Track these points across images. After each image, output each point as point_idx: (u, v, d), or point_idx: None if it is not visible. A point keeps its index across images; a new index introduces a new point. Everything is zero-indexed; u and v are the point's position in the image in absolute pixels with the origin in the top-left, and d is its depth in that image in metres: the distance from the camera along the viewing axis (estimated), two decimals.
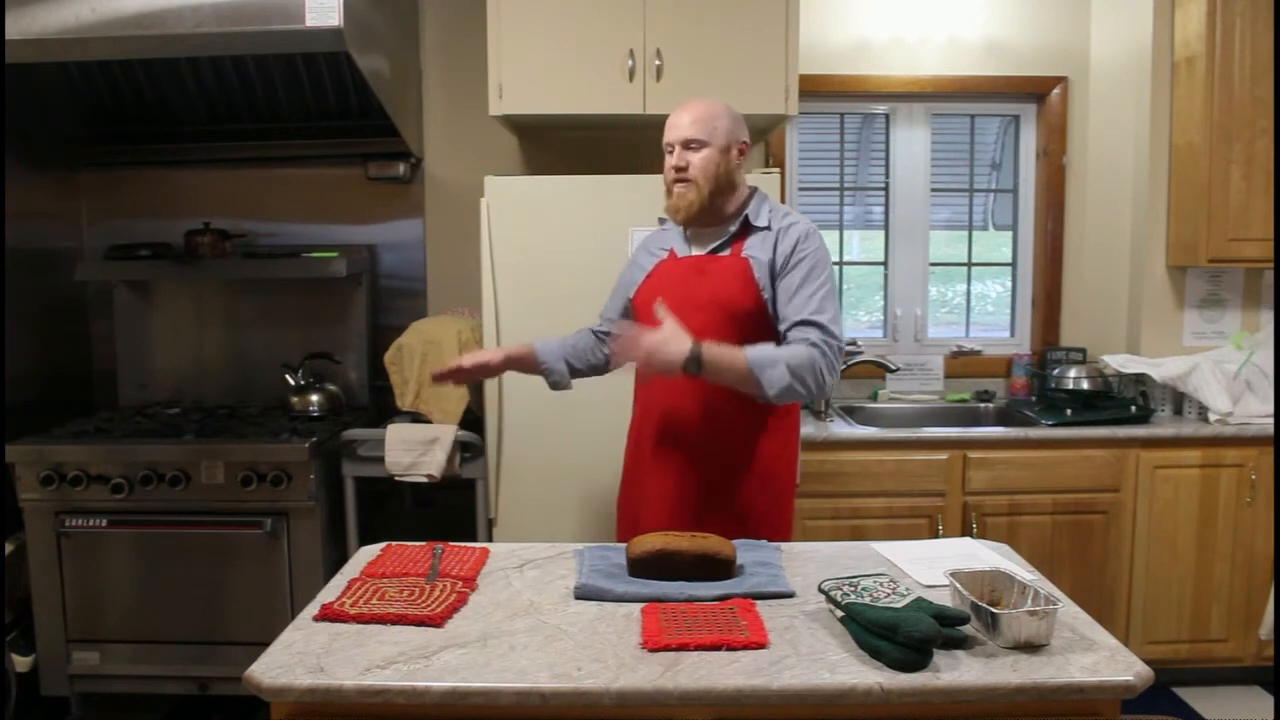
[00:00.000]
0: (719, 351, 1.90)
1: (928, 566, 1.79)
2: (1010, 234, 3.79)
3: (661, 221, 2.28)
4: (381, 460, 2.95)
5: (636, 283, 2.20)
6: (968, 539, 2.03)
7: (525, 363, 2.25)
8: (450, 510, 3.27)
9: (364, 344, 3.49)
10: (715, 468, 2.11)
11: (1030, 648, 1.44)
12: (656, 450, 2.13)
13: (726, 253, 2.12)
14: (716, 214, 2.12)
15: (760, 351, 1.94)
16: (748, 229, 2.13)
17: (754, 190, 2.18)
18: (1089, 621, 1.56)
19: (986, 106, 3.71)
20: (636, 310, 2.20)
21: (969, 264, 3.82)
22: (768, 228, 2.11)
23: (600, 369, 2.30)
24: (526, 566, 1.83)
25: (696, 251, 2.15)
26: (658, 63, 2.94)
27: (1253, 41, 3.06)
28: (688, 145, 2.09)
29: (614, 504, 2.34)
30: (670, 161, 2.11)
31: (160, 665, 2.96)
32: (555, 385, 2.28)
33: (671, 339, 1.87)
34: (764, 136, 3.53)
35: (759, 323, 2.05)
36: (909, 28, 3.55)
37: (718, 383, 1.95)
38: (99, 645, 2.95)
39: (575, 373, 2.28)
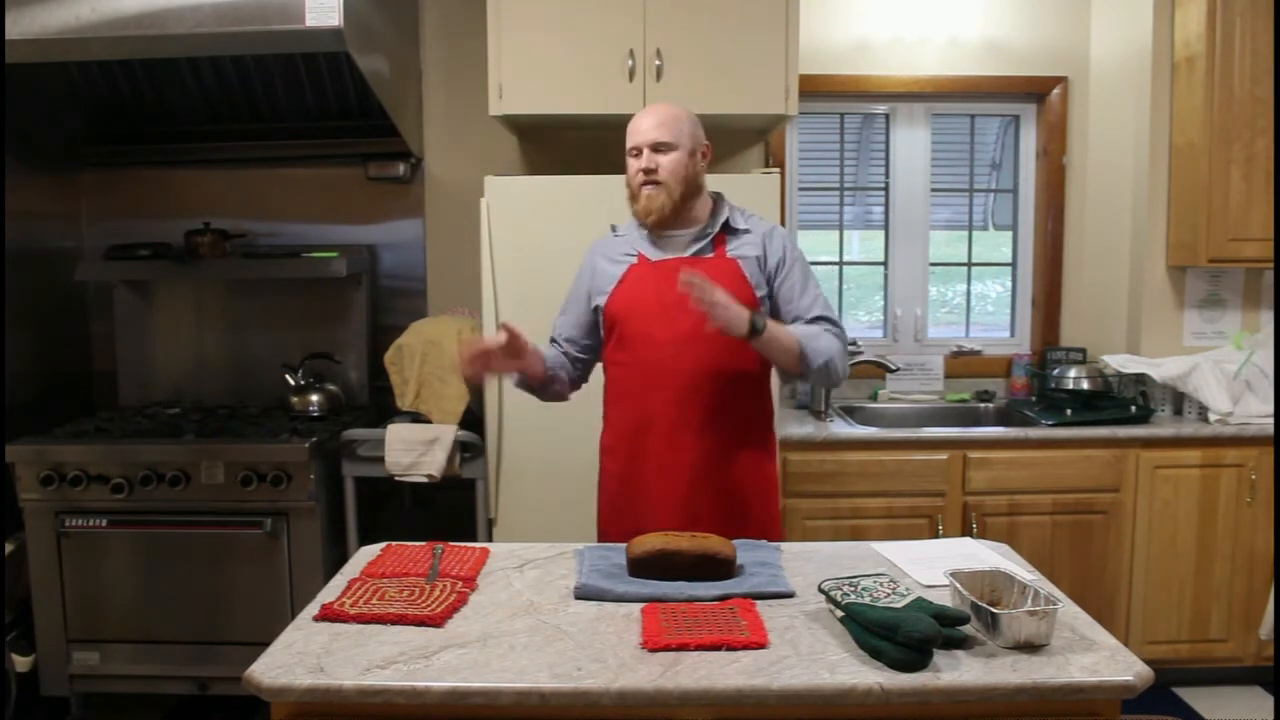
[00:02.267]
0: (773, 323, 1.99)
1: (928, 566, 1.79)
2: (1010, 234, 3.79)
3: (614, 229, 2.26)
4: (381, 460, 2.95)
5: (607, 291, 2.15)
6: (968, 539, 2.04)
7: (527, 357, 2.08)
8: (450, 510, 3.27)
9: (364, 344, 3.49)
10: (718, 469, 2.12)
11: (1030, 648, 1.44)
12: (663, 456, 2.11)
13: (710, 254, 2.13)
14: (685, 217, 2.14)
15: (805, 329, 2.06)
16: (725, 231, 2.15)
17: (718, 195, 2.22)
18: (1089, 621, 1.56)
19: (986, 106, 3.71)
20: (614, 317, 2.14)
21: (969, 264, 3.82)
22: (747, 230, 2.17)
23: (564, 391, 2.24)
24: (526, 566, 1.83)
25: (670, 254, 2.14)
26: (658, 63, 2.94)
27: (1253, 41, 3.06)
28: (656, 148, 2.09)
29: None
30: (638, 164, 2.10)
31: (160, 665, 2.96)
32: (550, 393, 2.22)
33: (733, 303, 1.92)
34: (764, 136, 3.53)
35: None
36: (909, 28, 3.55)
37: (766, 351, 2.01)
38: (99, 645, 2.95)
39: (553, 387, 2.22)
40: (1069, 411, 3.19)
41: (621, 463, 2.17)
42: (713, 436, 2.10)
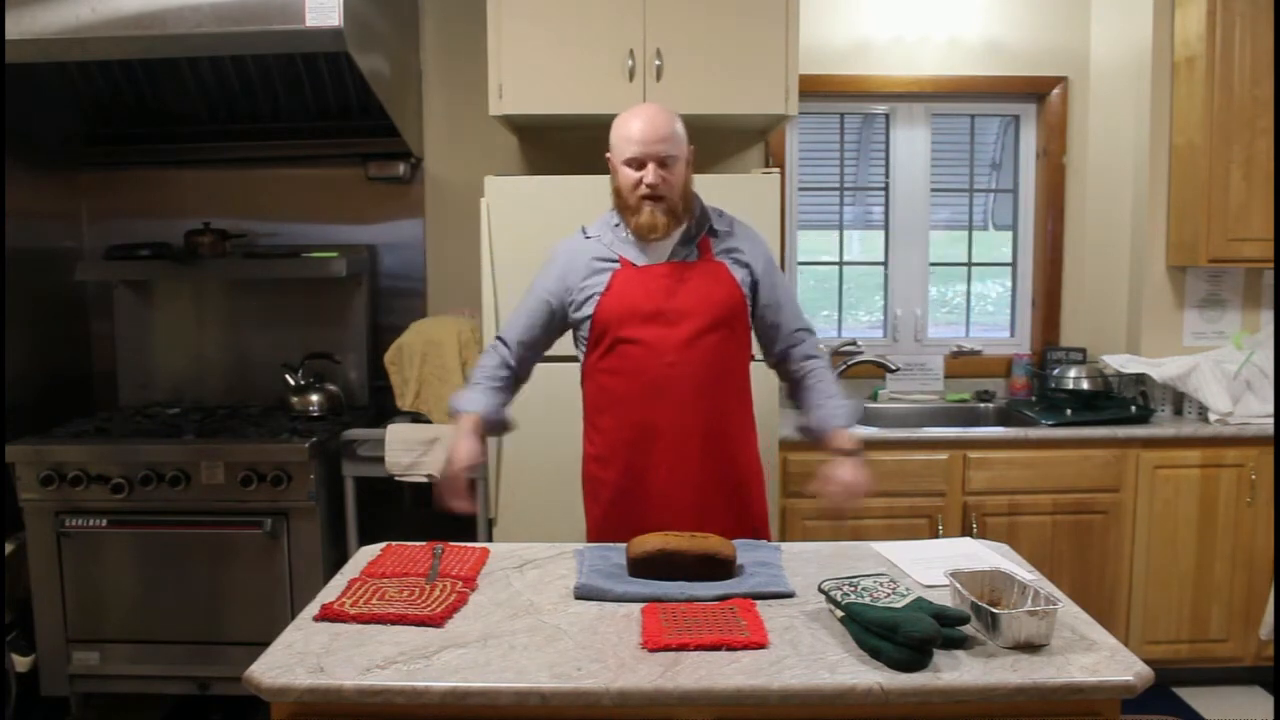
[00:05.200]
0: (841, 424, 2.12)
1: (928, 566, 1.79)
2: (1010, 234, 3.79)
3: (584, 231, 2.17)
4: (381, 460, 2.95)
5: (590, 299, 2.09)
6: (968, 539, 2.04)
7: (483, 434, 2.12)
8: (450, 510, 3.26)
9: (364, 344, 3.49)
10: (724, 471, 2.13)
11: (1030, 648, 1.44)
12: (672, 464, 2.09)
13: (695, 257, 2.10)
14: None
15: (835, 402, 2.14)
16: (707, 233, 2.13)
17: (694, 193, 2.16)
18: (1089, 621, 1.56)
19: (986, 106, 3.71)
20: (605, 325, 2.08)
21: (969, 264, 3.81)
22: (728, 230, 2.15)
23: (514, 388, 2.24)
24: (526, 566, 1.83)
25: (655, 258, 2.09)
26: (658, 63, 2.94)
27: (1253, 41, 3.06)
28: (663, 163, 2.01)
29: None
30: (643, 177, 2.01)
31: (160, 665, 2.96)
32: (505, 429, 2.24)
33: (852, 464, 2.03)
34: (764, 136, 3.53)
35: (740, 318, 2.12)
36: (909, 28, 3.55)
37: None
38: (99, 645, 2.95)
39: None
40: (1069, 411, 3.19)
41: (619, 472, 2.12)
42: (716, 440, 2.10)
